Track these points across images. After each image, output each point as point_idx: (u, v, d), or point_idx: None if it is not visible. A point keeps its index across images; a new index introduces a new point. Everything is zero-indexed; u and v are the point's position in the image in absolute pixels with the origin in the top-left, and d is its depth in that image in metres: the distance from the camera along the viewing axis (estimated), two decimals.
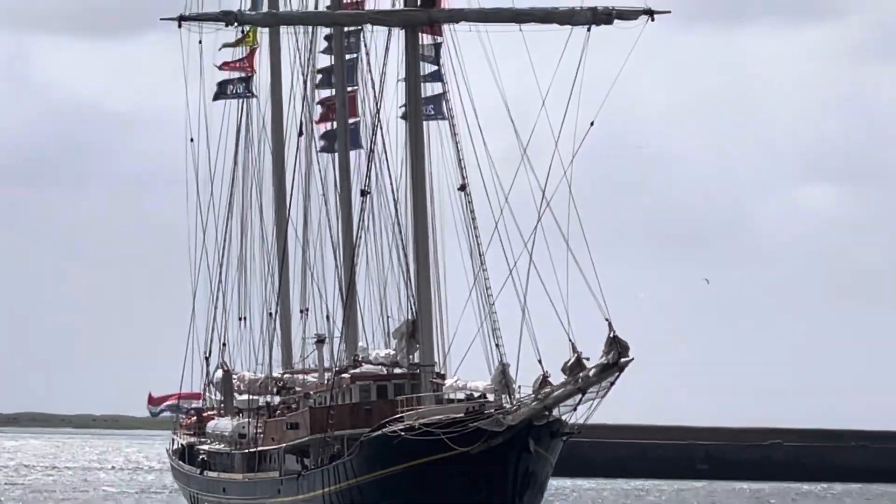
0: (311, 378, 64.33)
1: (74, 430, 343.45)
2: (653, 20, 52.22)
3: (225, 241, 70.05)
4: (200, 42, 61.57)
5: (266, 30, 64.98)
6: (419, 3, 53.97)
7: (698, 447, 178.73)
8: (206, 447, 70.02)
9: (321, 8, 61.73)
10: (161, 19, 58.53)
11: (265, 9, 63.01)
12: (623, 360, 49.42)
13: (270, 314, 66.93)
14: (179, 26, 57.73)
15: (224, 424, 67.38)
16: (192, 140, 67.34)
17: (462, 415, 53.04)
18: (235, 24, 57.90)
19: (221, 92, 66.22)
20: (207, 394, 72.50)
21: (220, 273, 70.42)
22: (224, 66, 65.78)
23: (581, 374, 50.03)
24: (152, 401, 78.32)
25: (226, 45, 64.44)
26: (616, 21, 51.24)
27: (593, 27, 51.19)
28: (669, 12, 53.50)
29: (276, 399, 66.43)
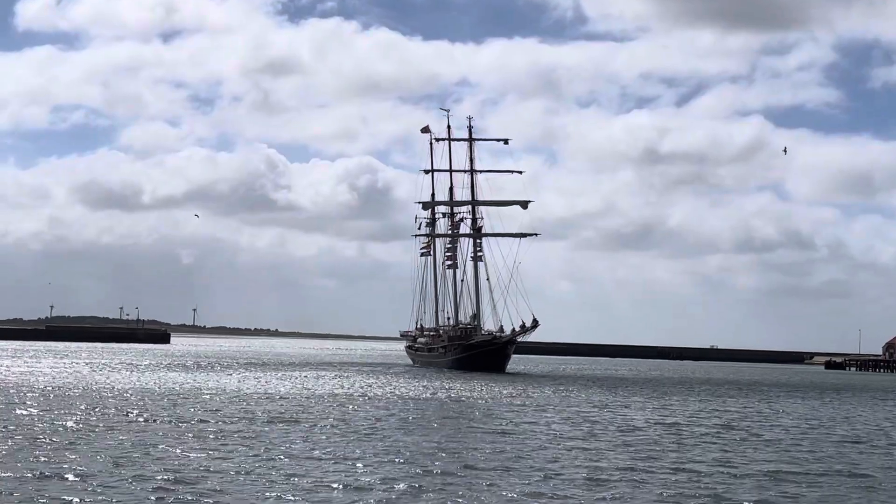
0: (442, 328, 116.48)
1: (359, 341, 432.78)
2: (537, 236, 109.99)
3: (423, 290, 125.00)
4: (420, 242, 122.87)
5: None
6: (475, 230, 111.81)
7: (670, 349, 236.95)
8: (417, 345, 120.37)
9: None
10: (412, 235, 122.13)
11: (439, 229, 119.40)
12: (538, 324, 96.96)
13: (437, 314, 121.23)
14: (416, 237, 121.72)
15: (422, 339, 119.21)
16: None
17: (490, 338, 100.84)
18: (428, 237, 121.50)
19: (422, 255, 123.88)
20: (417, 331, 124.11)
21: (422, 299, 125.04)
22: (423, 247, 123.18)
23: (526, 327, 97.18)
24: (402, 333, 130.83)
25: (423, 246, 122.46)
26: (528, 236, 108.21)
27: (522, 238, 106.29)
28: (540, 234, 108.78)
29: (433, 333, 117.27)
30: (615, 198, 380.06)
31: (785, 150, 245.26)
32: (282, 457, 27.92)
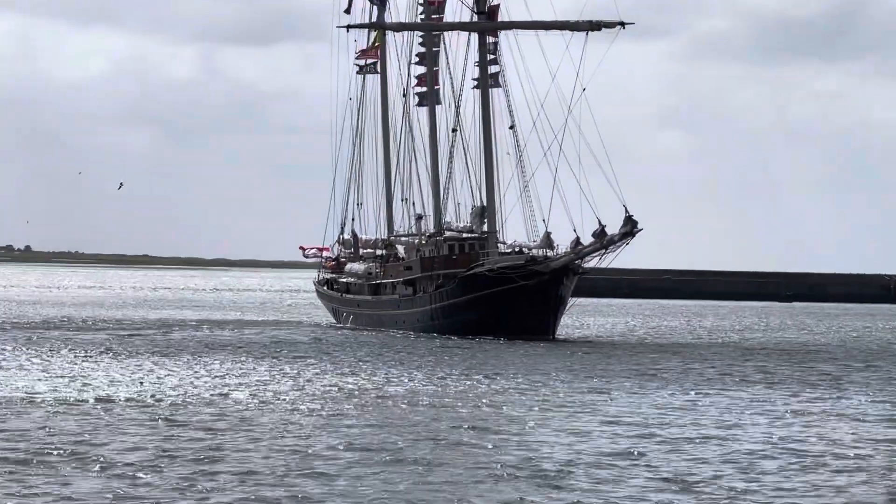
0: (402, 240, 79.56)
1: (247, 268, 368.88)
2: (623, 28, 67.39)
3: (355, 154, 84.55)
4: (356, 40, 79.36)
5: (389, 32, 78.88)
6: (484, 16, 68.35)
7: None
8: (344, 280, 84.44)
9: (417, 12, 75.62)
10: (337, 27, 77.26)
11: (389, 18, 77.19)
12: (636, 230, 64.80)
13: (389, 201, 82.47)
14: (348, 31, 76.43)
15: (357, 267, 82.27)
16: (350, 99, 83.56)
17: (523, 262, 67.25)
18: (374, 30, 76.97)
19: (359, 72, 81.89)
20: (341, 248, 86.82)
21: (353, 173, 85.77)
22: (361, 53, 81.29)
23: (606, 238, 64.91)
24: (307, 253, 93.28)
25: (363, 50, 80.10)
26: (603, 28, 66.35)
27: (590, 33, 66.11)
28: (633, 24, 68.06)
29: (383, 252, 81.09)
30: None
31: None
32: None
